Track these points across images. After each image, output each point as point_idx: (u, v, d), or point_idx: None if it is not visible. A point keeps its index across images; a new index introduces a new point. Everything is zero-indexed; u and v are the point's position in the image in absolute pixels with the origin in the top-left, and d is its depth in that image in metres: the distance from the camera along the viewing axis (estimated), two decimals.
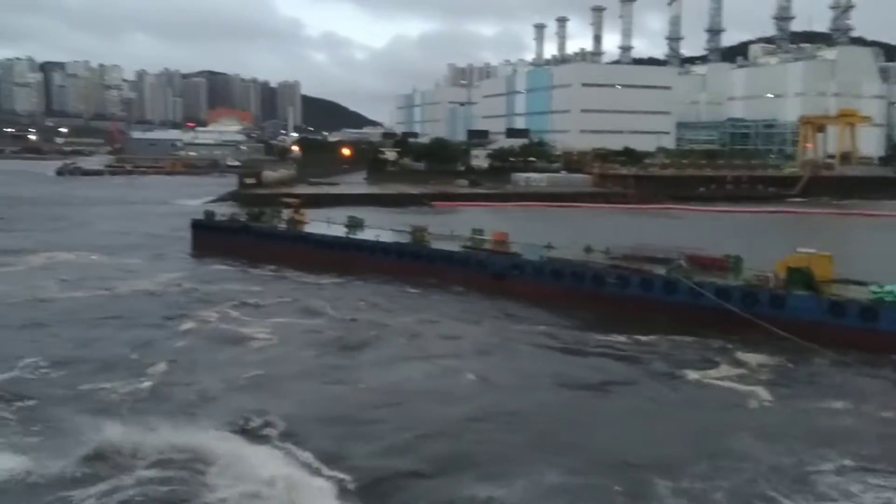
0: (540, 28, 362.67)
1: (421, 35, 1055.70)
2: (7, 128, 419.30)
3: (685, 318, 42.21)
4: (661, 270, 47.13)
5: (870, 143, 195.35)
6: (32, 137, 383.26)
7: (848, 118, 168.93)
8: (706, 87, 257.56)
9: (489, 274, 53.21)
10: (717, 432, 28.28)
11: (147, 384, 32.51)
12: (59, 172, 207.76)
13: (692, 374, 35.19)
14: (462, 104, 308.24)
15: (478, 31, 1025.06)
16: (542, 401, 31.68)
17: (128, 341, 39.30)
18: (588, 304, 46.57)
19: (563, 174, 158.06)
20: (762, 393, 32.57)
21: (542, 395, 32.49)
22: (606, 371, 36.33)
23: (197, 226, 74.67)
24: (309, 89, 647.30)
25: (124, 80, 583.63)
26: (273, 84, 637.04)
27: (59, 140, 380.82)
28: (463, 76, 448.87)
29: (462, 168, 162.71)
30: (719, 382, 34.22)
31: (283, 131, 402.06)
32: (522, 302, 48.21)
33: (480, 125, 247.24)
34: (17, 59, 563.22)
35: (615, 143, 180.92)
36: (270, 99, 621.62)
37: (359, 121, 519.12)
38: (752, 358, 37.30)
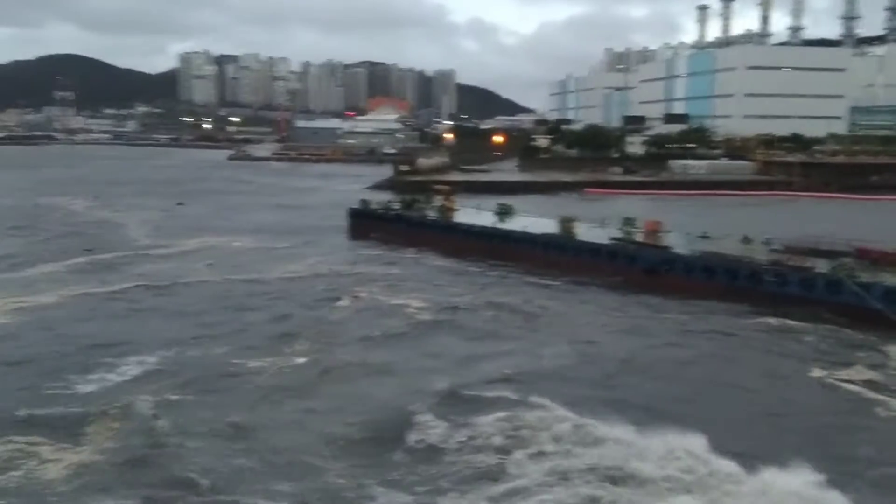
0: (703, 9, 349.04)
1: (568, 19, 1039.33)
2: (185, 117, 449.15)
3: (850, 320, 39.60)
4: (824, 266, 44.46)
5: None
6: (207, 126, 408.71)
7: None
8: (884, 68, 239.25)
9: (639, 268, 51.89)
10: (828, 436, 26.78)
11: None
12: (231, 158, 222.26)
13: (820, 371, 33.47)
14: (618, 89, 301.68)
15: (627, 14, 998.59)
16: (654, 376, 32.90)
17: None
18: (744, 301, 44.50)
19: (725, 161, 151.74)
20: (892, 402, 29.95)
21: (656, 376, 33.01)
22: (728, 354, 36.67)
23: (354, 214, 77.27)
24: (463, 77, 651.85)
25: (291, 72, 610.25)
26: (429, 73, 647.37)
27: (231, 129, 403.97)
28: (620, 61, 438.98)
29: (616, 155, 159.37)
30: (848, 385, 32.02)
31: (438, 119, 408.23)
32: (673, 296, 46.74)
33: (637, 111, 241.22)
34: (196, 52, 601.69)
35: (782, 129, 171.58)
36: (426, 87, 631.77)
37: (512, 108, 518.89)
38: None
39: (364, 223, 75.02)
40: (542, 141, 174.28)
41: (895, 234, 57.15)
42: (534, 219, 66.42)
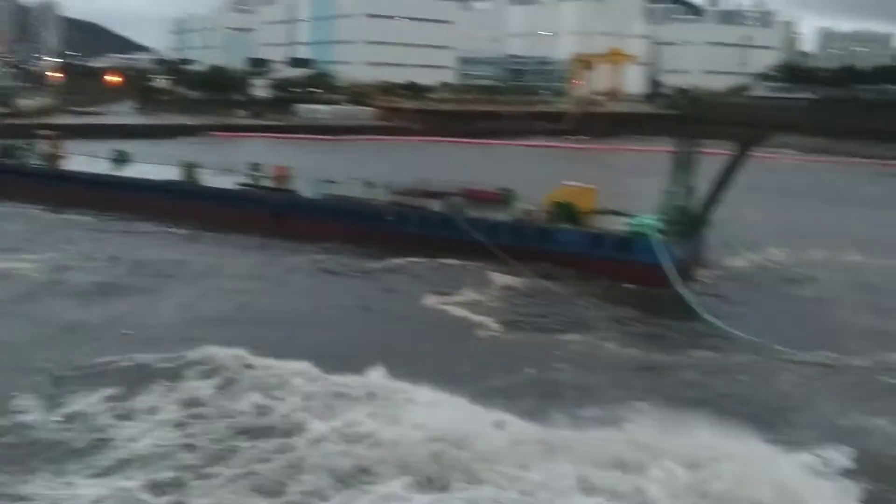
0: None
1: None
2: None
3: (461, 253, 43.06)
4: (438, 206, 47.70)
5: (635, 81, 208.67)
6: None
7: (616, 57, 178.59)
8: (487, 23, 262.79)
9: (267, 212, 51.44)
10: (443, 356, 29.48)
11: None
12: None
13: (433, 299, 36.62)
14: (241, 31, 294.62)
15: None
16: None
17: None
18: (368, 241, 46.32)
19: (349, 107, 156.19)
20: (490, 323, 33.88)
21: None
22: (353, 291, 38.53)
23: None
24: (68, 10, 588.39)
25: None
26: (26, 2, 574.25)
27: None
28: (241, 1, 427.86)
29: (242, 98, 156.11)
30: (456, 309, 35.49)
31: (40, 55, 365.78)
32: (299, 240, 47.14)
33: (261, 54, 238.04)
34: None
35: (400, 77, 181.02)
36: (23, 19, 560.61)
37: (126, 45, 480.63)
38: (499, 289, 38.82)
39: None
40: (162, 82, 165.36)
41: (498, 175, 63.39)
42: (154, 165, 62.51)
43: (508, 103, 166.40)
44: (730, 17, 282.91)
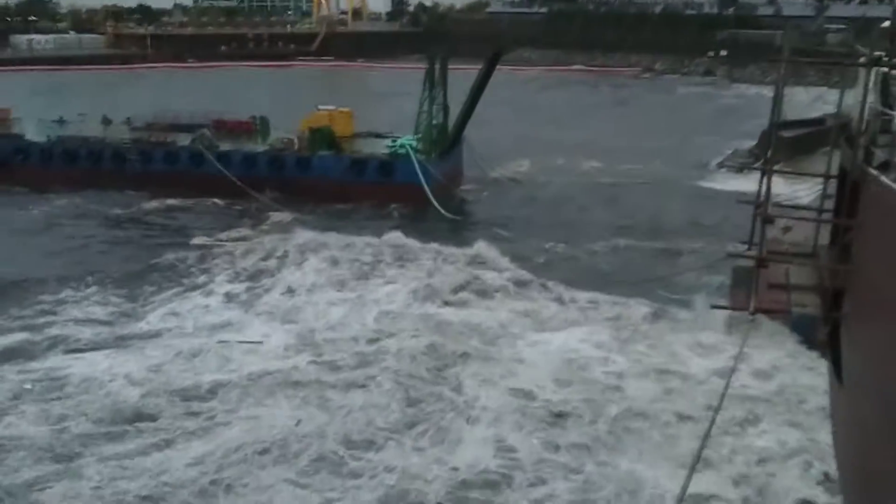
0: None
1: None
2: None
3: (215, 189, 40.97)
4: (186, 140, 44.79)
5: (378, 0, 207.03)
6: None
7: None
8: None
9: None
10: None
11: None
12: None
13: (201, 239, 35.06)
14: None
15: None
16: None
17: None
18: (111, 185, 42.58)
19: (73, 35, 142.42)
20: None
21: None
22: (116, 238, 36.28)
23: None
24: None
25: None
26: None
27: None
28: None
29: None
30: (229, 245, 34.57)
31: None
32: (31, 190, 42.58)
33: None
34: None
35: (129, 1, 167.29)
36: None
37: None
38: (263, 224, 37.82)
39: None
40: None
41: (248, 102, 60.77)
42: None
43: (251, 25, 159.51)
44: None
